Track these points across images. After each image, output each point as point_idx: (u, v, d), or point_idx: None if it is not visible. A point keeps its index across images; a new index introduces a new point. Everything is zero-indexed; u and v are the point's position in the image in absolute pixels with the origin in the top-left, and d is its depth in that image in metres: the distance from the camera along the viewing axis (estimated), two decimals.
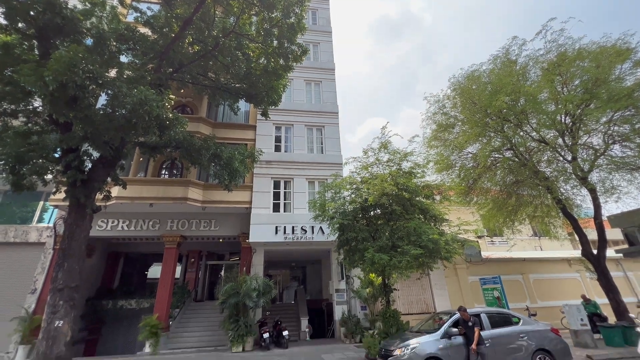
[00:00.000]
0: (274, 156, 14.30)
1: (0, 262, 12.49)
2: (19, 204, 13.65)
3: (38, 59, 7.60)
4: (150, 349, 11.01)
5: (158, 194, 11.94)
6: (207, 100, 14.12)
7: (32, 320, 10.91)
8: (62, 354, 7.22)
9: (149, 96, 6.94)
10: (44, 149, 7.82)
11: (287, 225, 12.70)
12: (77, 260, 7.91)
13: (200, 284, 16.51)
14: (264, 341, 11.00)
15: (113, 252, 15.42)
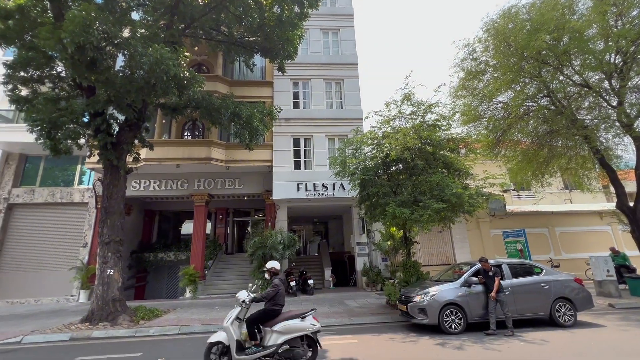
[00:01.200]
0: (293, 113, 14.08)
1: (52, 221, 13.86)
2: (60, 168, 14.67)
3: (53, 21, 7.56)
4: (190, 294, 12.31)
5: (183, 155, 12.34)
6: (222, 58, 13.74)
7: (88, 269, 12.35)
8: (116, 297, 8.23)
9: (165, 54, 6.83)
10: (73, 114, 8.11)
11: (308, 183, 12.91)
12: (118, 217, 8.60)
13: (230, 238, 17.66)
14: (291, 288, 11.90)
15: (149, 210, 16.58)
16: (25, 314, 10.20)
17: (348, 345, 5.93)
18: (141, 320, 8.11)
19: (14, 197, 13.69)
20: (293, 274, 12.68)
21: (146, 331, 7.33)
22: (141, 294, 15.25)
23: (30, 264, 13.34)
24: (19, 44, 7.91)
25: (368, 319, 7.85)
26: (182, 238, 18.00)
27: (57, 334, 7.20)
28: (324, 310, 8.90)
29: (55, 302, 12.52)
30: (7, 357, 5.91)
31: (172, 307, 10.18)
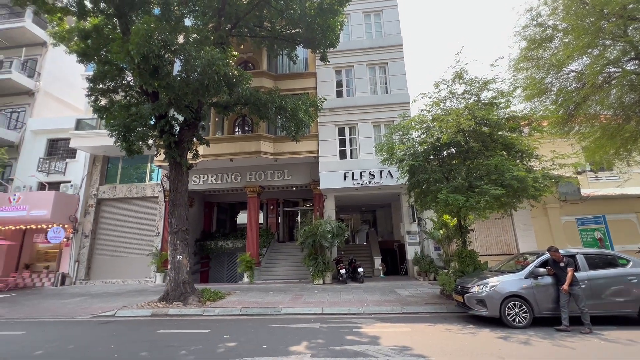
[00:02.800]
0: (337, 102, 14.01)
1: (131, 213, 15.90)
2: (134, 167, 16.66)
3: (121, 36, 8.49)
4: (248, 279, 13.25)
5: (235, 150, 13.12)
6: (266, 54, 14.13)
7: (161, 255, 13.97)
8: (186, 279, 9.21)
9: (215, 56, 7.26)
10: (142, 118, 9.12)
11: (354, 172, 12.84)
12: (183, 209, 9.53)
13: (281, 227, 18.47)
14: (341, 276, 12.11)
15: (208, 203, 18.06)
16: (116, 292, 11.98)
17: (401, 333, 5.89)
18: (207, 301, 8.98)
19: (101, 193, 15.96)
20: (343, 262, 12.87)
21: (212, 311, 8.11)
22: (205, 277, 16.83)
23: (117, 250, 15.54)
24: (96, 59, 9.08)
25: (421, 309, 7.68)
26: (237, 227, 19.31)
27: (141, 310, 8.34)
28: (375, 298, 8.92)
29: (137, 283, 14.46)
30: (106, 327, 7.04)
31: (233, 290, 11.07)
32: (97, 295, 11.24)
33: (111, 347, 5.49)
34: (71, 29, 9.17)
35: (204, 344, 5.47)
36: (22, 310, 9.10)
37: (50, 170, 16.09)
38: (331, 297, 9.37)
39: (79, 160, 16.29)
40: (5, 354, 5.32)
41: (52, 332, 6.73)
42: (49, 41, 14.60)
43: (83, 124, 15.64)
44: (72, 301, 10.25)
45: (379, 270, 14.11)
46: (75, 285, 14.66)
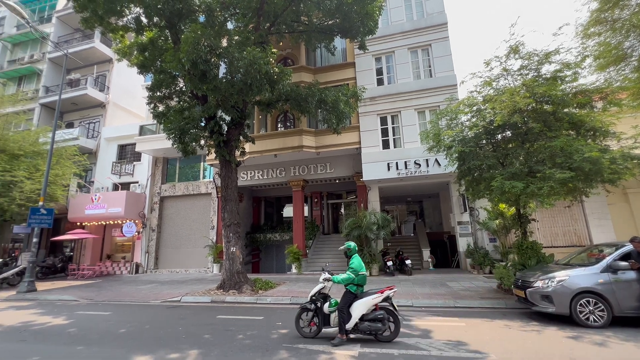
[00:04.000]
0: (377, 91, 13.63)
1: (188, 208, 17.36)
2: (189, 166, 18.11)
3: (173, 45, 9.18)
4: (295, 270, 13.71)
5: (279, 146, 13.52)
6: (304, 48, 14.24)
7: (216, 247, 15.08)
8: (239, 269, 9.83)
9: (256, 55, 7.51)
10: (194, 120, 9.84)
11: (399, 161, 12.45)
12: (234, 203, 10.14)
13: (325, 220, 18.72)
14: (387, 268, 11.93)
15: (256, 197, 18.97)
16: (180, 280, 13.25)
17: (454, 327, 5.64)
18: (260, 290, 9.51)
19: (163, 192, 17.66)
20: (389, 253, 12.65)
21: (264, 299, 8.57)
22: (256, 268, 17.80)
23: (179, 242, 17.13)
24: (153, 70, 9.97)
25: (476, 303, 7.26)
26: (284, 220, 20.00)
27: (202, 296, 9.12)
28: (425, 291, 8.64)
29: (197, 272, 15.82)
30: (174, 311, 7.85)
31: (282, 280, 11.55)
32: (164, 283, 12.56)
33: (179, 329, 6.12)
34: (131, 44, 10.17)
35: (259, 330, 5.82)
36: (107, 294, 10.53)
37: (121, 173, 18.21)
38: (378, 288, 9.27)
39: (143, 163, 18.16)
40: (99, 330, 6.23)
41: (131, 314, 7.70)
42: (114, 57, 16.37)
43: (145, 130, 17.35)
44: (145, 287, 11.59)
45: (428, 263, 13.61)
46: (146, 273, 16.53)
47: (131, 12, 9.67)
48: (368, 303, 4.93)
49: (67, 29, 21.17)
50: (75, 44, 19.65)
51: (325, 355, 4.45)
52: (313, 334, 5.24)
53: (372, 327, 4.81)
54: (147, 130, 17.33)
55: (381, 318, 4.84)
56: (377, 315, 4.87)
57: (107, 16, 8.90)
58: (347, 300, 5.01)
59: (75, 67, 20.32)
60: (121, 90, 20.60)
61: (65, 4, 20.55)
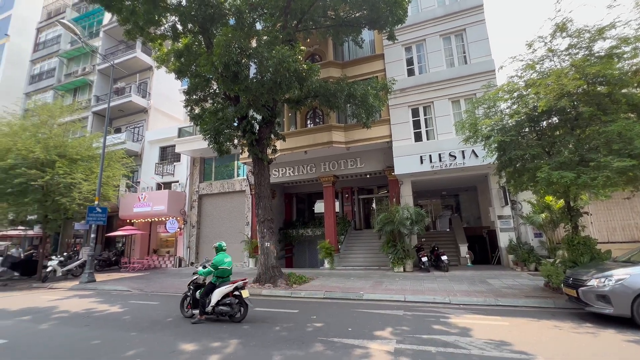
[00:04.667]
0: (408, 82, 13.20)
1: (224, 205, 18.16)
2: (224, 165, 18.90)
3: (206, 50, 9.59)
4: (328, 265, 13.82)
5: (308, 142, 13.63)
6: (331, 43, 14.17)
7: (251, 242, 15.63)
8: (274, 264, 10.11)
9: (285, 53, 7.61)
10: (227, 121, 10.22)
11: (432, 154, 12.01)
12: (267, 200, 10.42)
13: (357, 215, 18.61)
14: (422, 264, 11.61)
15: (287, 194, 19.34)
16: None
17: (496, 327, 5.37)
18: (294, 284, 9.72)
19: (201, 190, 18.62)
20: (424, 249, 12.30)
21: (298, 293, 8.75)
22: (289, 263, 18.19)
23: (216, 237, 17.96)
24: (188, 74, 10.49)
25: (521, 302, 6.84)
26: (315, 216, 20.20)
27: None
28: (463, 288, 8.31)
29: (235, 267, 16.49)
30: None
31: (315, 275, 11.71)
32: None
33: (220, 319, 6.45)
34: (168, 51, 10.78)
35: (294, 323, 5.97)
36: (154, 285, 11.37)
37: (163, 173, 19.47)
38: (413, 285, 9.09)
39: (183, 163, 19.26)
40: (150, 319, 6.78)
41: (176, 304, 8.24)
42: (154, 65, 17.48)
43: (183, 132, 18.36)
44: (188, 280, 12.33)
45: (466, 259, 13.04)
46: (188, 267, 17.59)
47: (167, 21, 10.24)
48: (222, 291, 6.18)
49: (113, 41, 22.92)
50: (119, 55, 21.24)
51: (360, 350, 4.46)
52: (189, 315, 6.54)
53: (224, 310, 6.09)
54: (185, 132, 18.33)
55: (230, 303, 6.10)
56: (227, 301, 6.12)
57: (146, 26, 9.50)
58: (208, 288, 6.31)
59: (120, 77, 21.98)
60: (161, 96, 21.94)
61: (111, 19, 22.23)
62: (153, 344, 5.03)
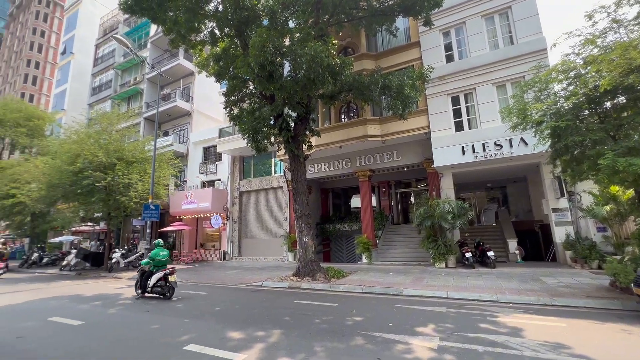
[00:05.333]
0: (447, 69, 12.53)
1: (263, 201, 18.83)
2: (262, 163, 19.57)
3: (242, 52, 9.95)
4: (366, 260, 13.74)
5: (343, 137, 13.58)
6: (364, 35, 13.90)
7: (290, 237, 16.05)
8: (312, 258, 10.30)
9: (318, 49, 7.63)
10: (264, 120, 10.55)
11: (475, 144, 11.32)
12: (304, 195, 10.61)
13: (394, 209, 18.22)
14: (466, 260, 11.07)
15: (323, 189, 19.51)
16: (260, 267, 14.55)
17: (552, 328, 4.96)
18: (332, 278, 9.83)
19: (241, 187, 19.49)
20: (467, 244, 11.71)
21: (337, 287, 8.84)
22: (327, 257, 18.39)
23: (257, 232, 18.78)
24: (227, 77, 10.97)
25: (581, 302, 6.25)
26: (352, 211, 20.15)
27: (281, 282, 9.87)
28: (512, 286, 7.78)
29: (274, 260, 17.13)
30: (257, 294, 8.69)
31: (353, 270, 11.72)
32: (247, 269, 13.96)
33: (263, 310, 6.76)
34: (208, 56, 11.37)
35: (334, 316, 6.05)
36: (202, 277, 12.20)
37: (207, 172, 20.69)
38: (457, 281, 8.72)
39: (224, 162, 20.28)
40: (200, 307, 7.32)
41: (223, 295, 8.79)
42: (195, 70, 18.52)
43: (223, 132, 19.29)
44: (232, 272, 13.06)
45: (515, 255, 12.17)
46: (232, 260, 18.59)
47: (206, 27, 10.79)
48: (157, 277, 8.26)
49: (159, 51, 24.69)
50: (165, 63, 22.84)
51: (401, 345, 4.41)
52: (138, 295, 8.55)
53: (157, 290, 8.22)
54: (225, 132, 19.25)
55: (160, 285, 8.25)
56: (159, 284, 8.25)
57: (188, 34, 10.11)
58: (147, 274, 8.46)
59: (166, 83, 23.65)
60: (203, 99, 23.23)
61: (156, 30, 23.93)
62: (204, 330, 5.43)
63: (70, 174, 13.93)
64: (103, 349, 4.70)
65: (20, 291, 10.41)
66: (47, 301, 8.56)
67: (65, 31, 37.23)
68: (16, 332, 5.66)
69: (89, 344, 4.93)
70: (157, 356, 4.32)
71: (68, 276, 14.65)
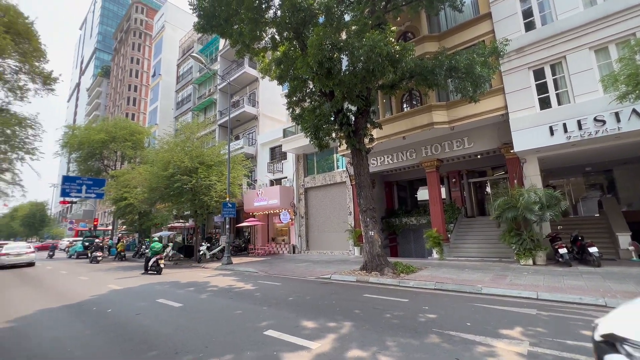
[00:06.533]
0: (527, 39, 10.95)
1: (327, 197, 19.23)
2: (324, 159, 19.98)
3: (301, 52, 10.26)
4: (437, 255, 13.00)
5: (407, 127, 12.99)
6: (425, 16, 13.04)
7: (355, 231, 16.10)
8: (379, 252, 10.17)
9: (376, 38, 7.44)
10: (324, 116, 10.73)
11: (567, 122, 9.69)
12: (367, 189, 10.52)
13: (467, 201, 16.77)
14: (560, 257, 9.62)
15: (387, 182, 19.01)
16: (327, 260, 14.94)
17: None
18: (401, 274, 9.56)
19: (306, 183, 20.23)
20: (561, 239, 10.15)
21: (407, 283, 8.57)
22: (394, 252, 17.92)
23: (323, 227, 19.30)
24: (288, 78, 11.46)
25: None
26: (419, 204, 19.21)
27: (348, 276, 9.99)
28: (626, 289, 6.49)
29: (341, 254, 17.39)
30: (326, 287, 8.97)
31: (423, 265, 11.20)
32: (315, 262, 14.48)
33: (333, 302, 6.96)
34: (270, 61, 12.02)
35: (405, 312, 5.89)
36: (275, 269, 13.08)
37: (274, 170, 22.01)
38: (549, 281, 7.65)
39: (289, 160, 21.31)
40: (275, 297, 7.89)
41: (295, 286, 9.31)
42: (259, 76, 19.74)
43: (287, 132, 20.25)
44: (301, 265, 13.70)
45: (629, 252, 10.11)
46: (300, 253, 19.49)
47: (267, 34, 11.41)
48: (152, 260, 13.17)
49: (227, 63, 27.04)
50: (232, 73, 24.93)
51: (483, 347, 4.08)
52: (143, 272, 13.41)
53: (153, 268, 13.05)
54: (288, 132, 20.19)
55: (153, 266, 13.02)
56: (153, 265, 13.07)
57: (251, 43, 10.84)
58: (147, 258, 13.57)
59: (235, 91, 25.81)
60: (267, 102, 24.73)
61: (224, 43, 26.24)
62: (280, 318, 5.84)
63: (164, 179, 16.31)
64: (202, 328, 5.43)
65: (134, 277, 12.65)
66: (153, 286, 10.23)
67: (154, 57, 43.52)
68: (135, 310, 6.92)
69: (190, 323, 5.75)
70: (244, 337, 4.82)
71: (167, 265, 17.23)
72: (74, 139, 27.17)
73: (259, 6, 9.83)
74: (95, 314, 6.76)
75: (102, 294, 9.11)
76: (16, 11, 14.99)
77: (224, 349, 4.39)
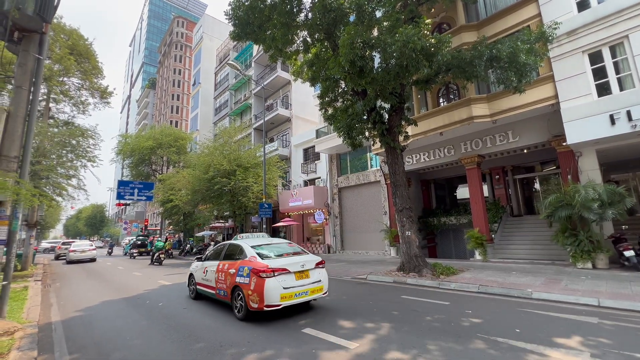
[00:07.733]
0: (580, 19, 9.96)
1: (361, 196, 19.04)
2: (357, 158, 19.83)
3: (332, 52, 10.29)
4: (480, 256, 12.29)
5: (444, 122, 12.45)
6: (461, 5, 12.39)
7: (391, 231, 15.75)
8: (417, 253, 9.87)
9: (409, 33, 7.23)
10: (357, 115, 10.65)
11: (631, 109, 8.65)
12: (403, 188, 10.26)
13: (513, 199, 15.64)
14: (626, 260, 8.60)
15: (424, 180, 18.35)
16: (363, 260, 14.80)
17: None
18: (441, 275, 9.18)
19: (339, 183, 20.22)
20: (626, 240, 9.07)
21: (447, 285, 8.21)
22: (433, 253, 17.25)
23: (357, 227, 19.16)
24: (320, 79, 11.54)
25: None
26: (458, 203, 18.29)
27: (385, 276, 9.82)
28: None
29: (376, 255, 17.13)
30: (363, 287, 8.89)
31: (465, 267, 10.65)
32: (351, 262, 14.41)
33: (370, 303, 6.89)
34: (302, 64, 12.20)
35: (446, 315, 5.66)
36: None
37: (308, 171, 22.28)
38: (612, 286, 6.89)
39: (322, 161, 21.45)
40: None
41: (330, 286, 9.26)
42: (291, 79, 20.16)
43: (320, 133, 20.40)
44: (337, 265, 13.72)
45: None
46: (335, 253, 19.52)
47: (298, 37, 11.60)
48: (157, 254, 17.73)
49: (260, 68, 27.93)
50: (266, 77, 25.69)
51: (535, 356, 3.79)
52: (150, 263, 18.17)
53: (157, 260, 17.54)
54: (321, 132, 20.33)
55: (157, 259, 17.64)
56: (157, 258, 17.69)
57: (284, 47, 11.09)
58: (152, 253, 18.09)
59: (268, 95, 26.57)
60: (299, 104, 25.13)
61: (257, 49, 27.14)
62: (317, 316, 5.91)
63: (205, 181, 17.27)
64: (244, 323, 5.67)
65: (181, 273, 13.54)
66: None
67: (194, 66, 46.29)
68: (181, 305, 7.41)
69: (233, 319, 6.04)
70: (284, 334, 4.95)
71: None
72: (127, 146, 29.83)
73: (290, 10, 10.02)
74: (149, 307, 7.35)
75: (153, 288, 9.89)
76: (78, 34, 16.78)
77: (264, 345, 4.55)
